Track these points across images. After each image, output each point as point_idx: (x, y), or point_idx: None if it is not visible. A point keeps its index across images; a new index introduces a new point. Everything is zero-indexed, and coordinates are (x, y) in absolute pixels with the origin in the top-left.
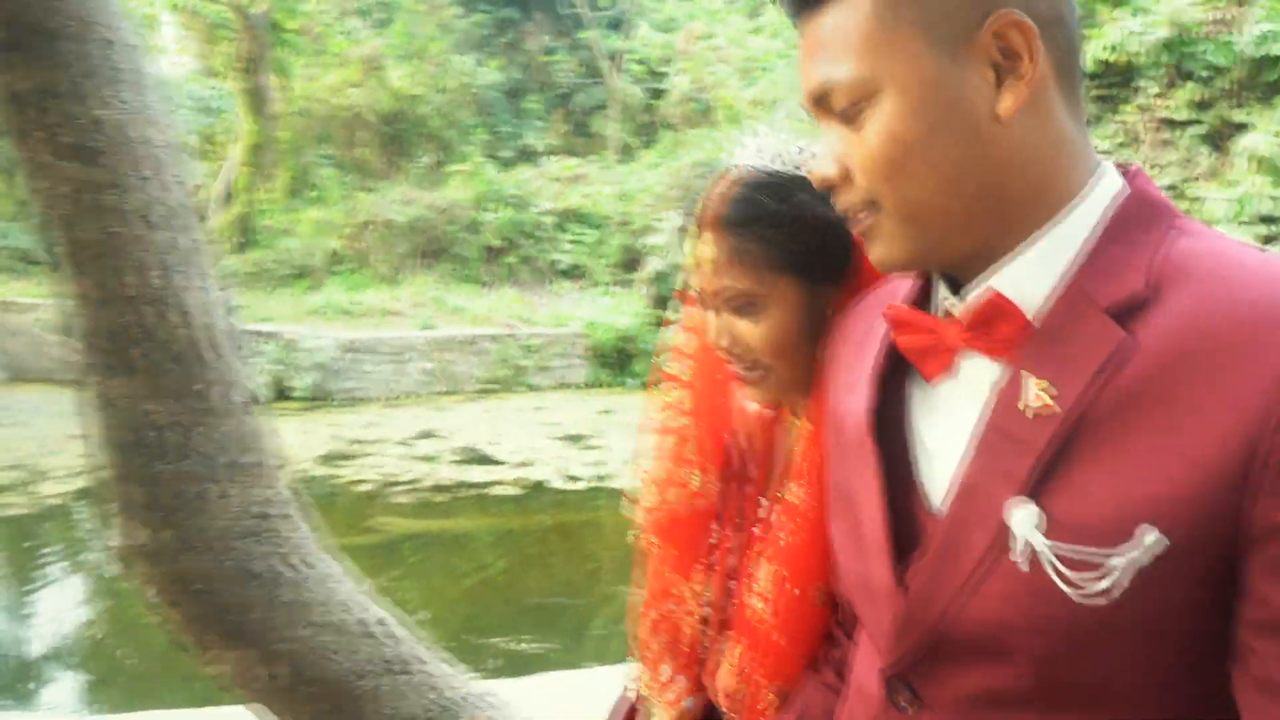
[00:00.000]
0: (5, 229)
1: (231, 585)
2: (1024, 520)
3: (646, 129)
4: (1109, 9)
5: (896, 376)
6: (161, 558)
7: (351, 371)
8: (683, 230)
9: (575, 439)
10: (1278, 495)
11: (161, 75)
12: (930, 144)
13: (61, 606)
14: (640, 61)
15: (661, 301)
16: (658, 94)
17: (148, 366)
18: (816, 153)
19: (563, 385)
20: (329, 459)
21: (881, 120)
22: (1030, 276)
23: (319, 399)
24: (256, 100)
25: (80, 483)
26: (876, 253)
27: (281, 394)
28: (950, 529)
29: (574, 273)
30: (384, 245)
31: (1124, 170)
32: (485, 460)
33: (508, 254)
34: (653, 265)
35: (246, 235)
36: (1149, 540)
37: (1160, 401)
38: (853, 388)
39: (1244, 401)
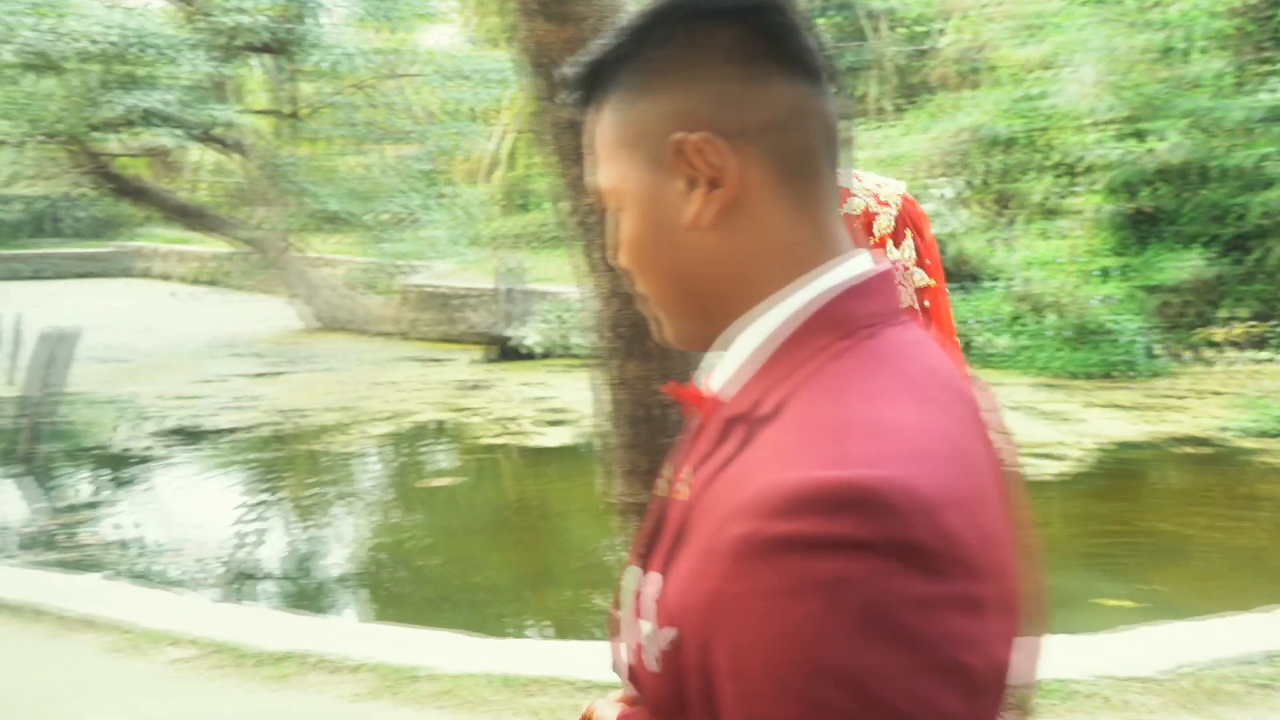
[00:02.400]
0: (323, 195)
1: None
2: (631, 588)
3: (911, 91)
4: None
5: None
6: None
7: None
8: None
9: None
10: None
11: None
12: (650, 250)
13: (365, 534)
14: (905, 23)
15: None
16: (923, 55)
17: (660, 354)
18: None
19: None
20: None
21: (623, 226)
22: (723, 374)
23: (593, 356)
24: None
25: (388, 427)
26: (659, 334)
27: (561, 350)
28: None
29: None
30: None
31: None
32: None
33: None
34: None
35: (526, 198)
36: (665, 633)
37: (714, 510)
38: None
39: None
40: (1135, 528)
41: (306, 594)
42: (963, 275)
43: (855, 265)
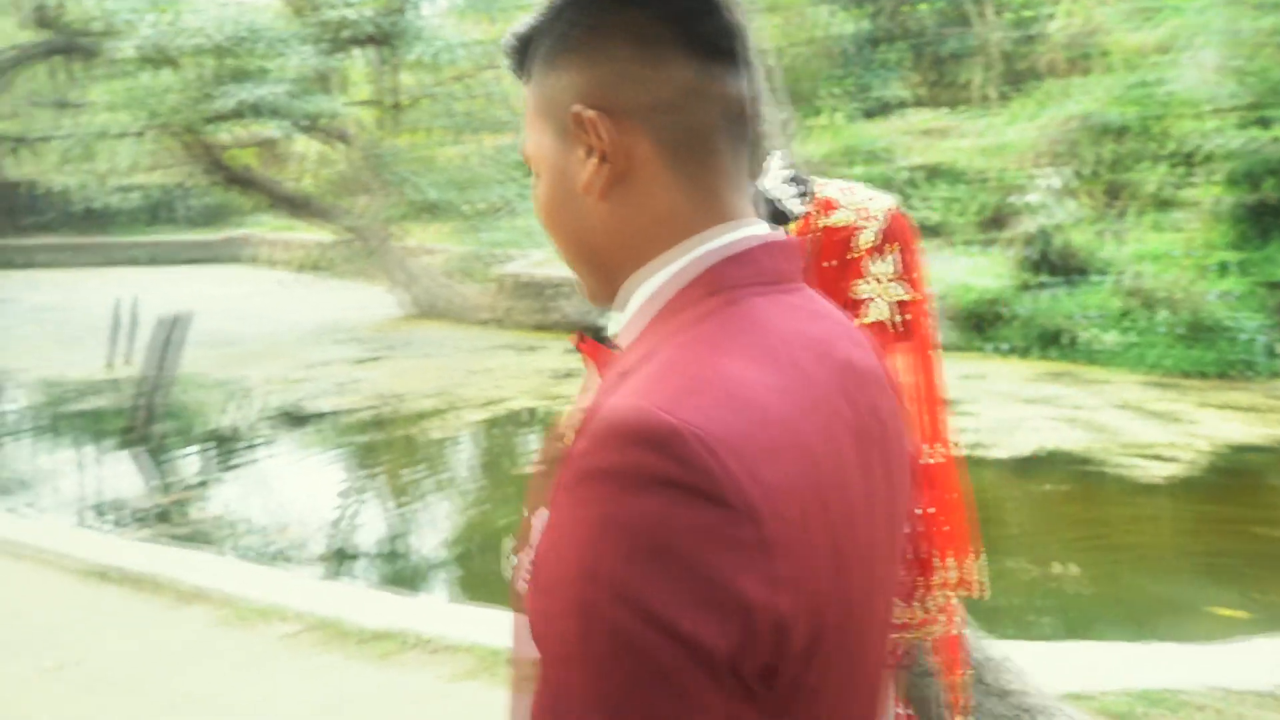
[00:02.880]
0: (423, 184)
1: None
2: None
3: (1017, 78)
4: None
5: None
6: None
7: None
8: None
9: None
10: None
11: None
12: (556, 212)
13: (460, 518)
14: (1012, 7)
15: (1033, 264)
16: (1030, 40)
17: None
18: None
19: None
20: None
21: (539, 189)
22: (618, 329)
23: None
24: None
25: (483, 413)
26: (579, 291)
27: None
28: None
29: (933, 230)
30: None
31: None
32: None
33: None
34: (1023, 225)
35: None
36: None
37: None
38: None
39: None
40: (1251, 534)
41: (403, 573)
42: (1069, 269)
43: (740, 234)
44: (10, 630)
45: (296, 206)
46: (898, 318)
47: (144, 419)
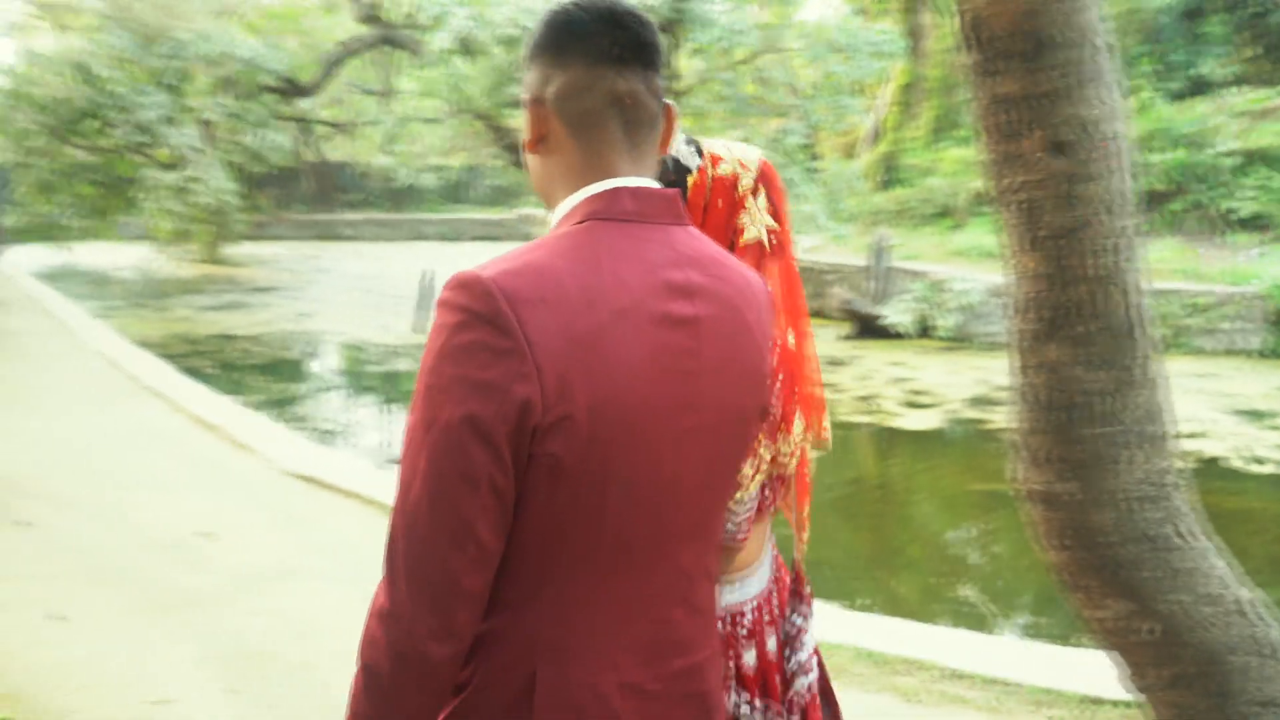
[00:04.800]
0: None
1: (1127, 543)
2: None
3: None
4: None
5: None
6: (1061, 505)
7: (995, 315)
8: None
9: (1255, 415)
10: None
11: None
12: (528, 165)
13: None
14: None
15: None
16: None
17: (1088, 338)
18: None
19: (1232, 351)
20: (977, 402)
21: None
22: None
23: (961, 340)
24: (912, 39)
25: None
26: None
27: (924, 332)
28: None
29: (1256, 223)
30: None
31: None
32: None
33: (1174, 199)
34: None
35: (892, 173)
36: None
37: None
38: None
39: None
40: None
41: None
42: None
43: (614, 184)
44: (339, 561)
45: None
46: (771, 240)
47: None
